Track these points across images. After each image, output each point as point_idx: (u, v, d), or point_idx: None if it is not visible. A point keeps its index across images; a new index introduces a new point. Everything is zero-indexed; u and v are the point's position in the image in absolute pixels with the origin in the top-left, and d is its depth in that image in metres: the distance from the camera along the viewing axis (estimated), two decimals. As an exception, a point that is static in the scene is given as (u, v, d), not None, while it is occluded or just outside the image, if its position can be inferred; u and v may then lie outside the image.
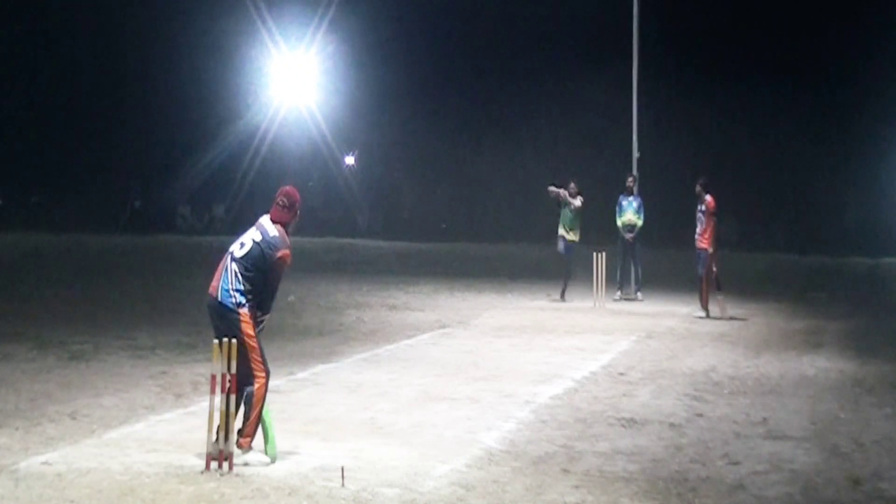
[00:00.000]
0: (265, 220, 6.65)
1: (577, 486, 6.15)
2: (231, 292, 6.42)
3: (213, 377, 6.17)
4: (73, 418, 7.55)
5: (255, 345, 6.40)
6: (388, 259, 26.69)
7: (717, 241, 15.36)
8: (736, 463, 6.79)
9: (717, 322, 14.53)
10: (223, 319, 6.42)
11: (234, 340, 6.24)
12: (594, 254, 16.45)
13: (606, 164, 28.17)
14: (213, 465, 6.10)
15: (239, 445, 6.31)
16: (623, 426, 7.77)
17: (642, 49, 20.57)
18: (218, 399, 6.12)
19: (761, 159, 35.74)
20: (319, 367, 10.07)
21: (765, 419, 8.13)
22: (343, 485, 5.93)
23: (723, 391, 9.31)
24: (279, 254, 6.47)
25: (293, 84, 36.76)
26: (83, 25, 37.80)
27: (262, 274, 6.46)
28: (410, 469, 6.35)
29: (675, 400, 8.84)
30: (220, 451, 6.11)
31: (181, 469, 6.15)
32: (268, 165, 38.02)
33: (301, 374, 9.62)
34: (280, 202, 6.66)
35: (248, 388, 6.38)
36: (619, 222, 17.82)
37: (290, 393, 8.72)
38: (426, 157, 40.13)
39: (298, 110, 37.54)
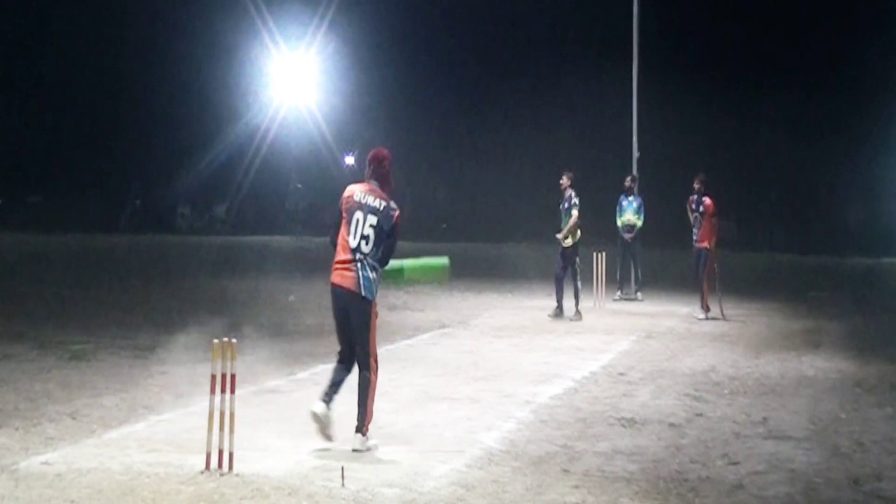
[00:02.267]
0: (366, 195, 6.85)
1: (577, 486, 6.15)
2: (372, 286, 6.80)
3: (213, 377, 6.17)
4: (73, 418, 7.55)
5: (375, 336, 6.86)
6: (388, 259, 26.64)
7: (718, 240, 15.36)
8: (736, 463, 6.79)
9: (717, 322, 14.53)
10: (355, 310, 6.79)
11: (233, 340, 6.26)
12: (594, 254, 16.45)
13: (606, 164, 28.16)
14: (213, 464, 6.10)
15: (362, 431, 6.69)
16: (623, 426, 7.77)
17: (642, 49, 20.55)
18: (218, 399, 6.12)
19: (762, 159, 35.73)
20: (319, 367, 10.06)
21: (765, 419, 8.13)
22: (343, 485, 5.93)
23: (723, 391, 9.31)
24: (396, 216, 6.86)
25: (293, 84, 36.73)
26: (83, 25, 37.79)
27: (385, 240, 6.81)
28: (410, 469, 6.35)
29: (675, 400, 8.84)
30: (221, 451, 6.11)
31: (181, 469, 6.15)
32: (268, 165, 38.01)
33: (301, 374, 9.62)
34: (385, 167, 6.96)
35: (364, 375, 6.80)
36: (618, 222, 17.84)
37: (290, 393, 8.72)
38: (426, 157, 40.12)
39: (298, 110, 37.52)
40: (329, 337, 12.21)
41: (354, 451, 6.68)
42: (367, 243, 6.77)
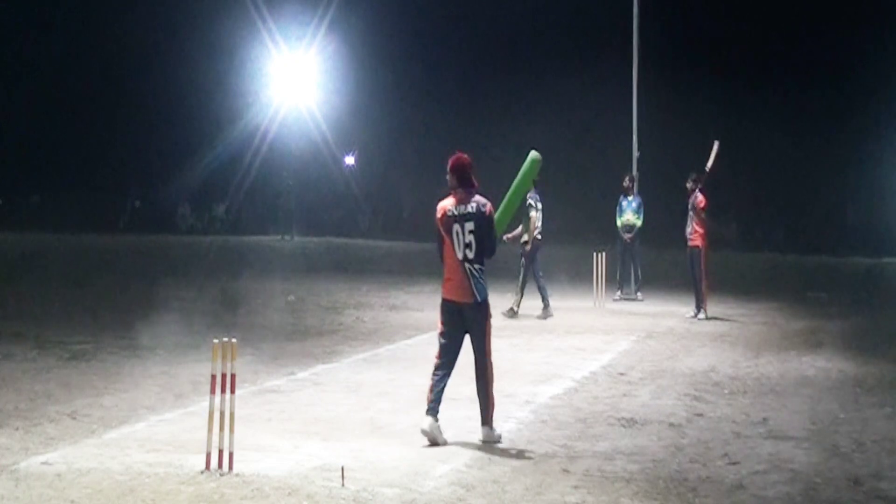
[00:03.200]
0: (456, 206, 7.16)
1: (577, 486, 6.15)
2: (483, 287, 7.19)
3: (213, 377, 6.17)
4: (73, 418, 7.55)
5: (490, 338, 7.28)
6: (388, 259, 26.68)
7: (709, 238, 15.35)
8: (736, 463, 6.79)
9: (717, 322, 14.52)
10: (472, 317, 7.18)
11: (233, 340, 6.25)
12: (594, 254, 16.45)
13: (606, 164, 28.16)
14: (213, 464, 6.10)
15: (489, 424, 7.13)
16: (623, 426, 7.78)
17: (642, 48, 20.56)
18: (218, 399, 6.12)
19: (761, 159, 35.74)
20: (319, 367, 10.07)
21: (765, 419, 8.14)
22: (343, 485, 5.93)
23: (723, 391, 9.31)
24: (488, 209, 7.22)
25: (293, 84, 36.72)
26: (83, 25, 37.81)
27: (486, 236, 7.17)
28: (410, 469, 6.35)
29: (675, 400, 8.84)
30: (221, 451, 6.11)
31: (181, 469, 6.15)
32: (268, 165, 38.01)
33: (301, 374, 9.63)
34: (468, 172, 7.26)
35: (482, 369, 7.19)
36: (618, 223, 17.85)
37: (290, 393, 8.72)
38: (426, 157, 40.13)
39: (298, 110, 37.51)
40: (329, 336, 12.27)
41: (484, 442, 7.03)
42: (471, 250, 7.14)
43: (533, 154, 8.01)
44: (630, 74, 20.60)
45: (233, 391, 6.17)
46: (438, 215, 7.24)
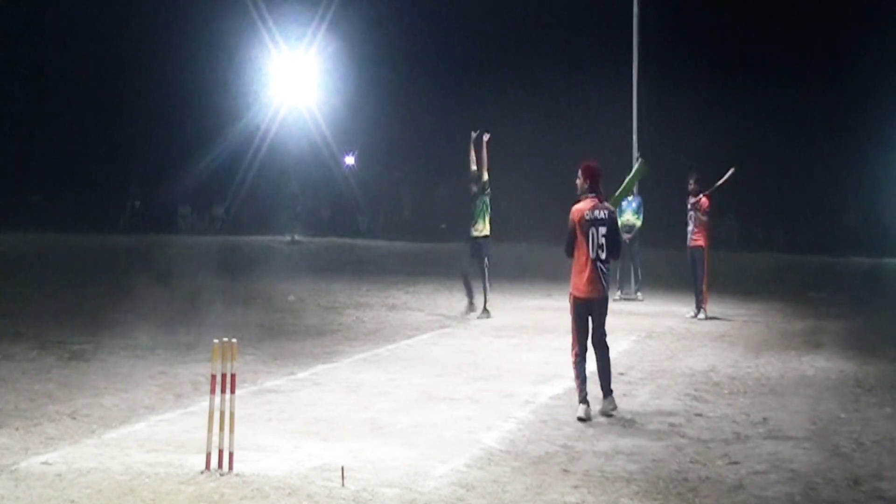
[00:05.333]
0: (593, 211, 8.14)
1: (577, 486, 6.15)
2: (609, 282, 8.14)
3: (213, 377, 6.17)
4: (73, 418, 7.56)
5: None
6: (388, 259, 26.68)
7: (711, 238, 15.35)
8: (736, 463, 6.80)
9: (717, 322, 14.53)
10: (602, 307, 8.12)
11: (233, 340, 6.26)
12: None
13: (606, 164, 28.11)
14: (213, 464, 6.10)
15: (612, 394, 8.13)
16: (623, 426, 7.79)
17: (643, 48, 20.54)
18: (218, 399, 6.12)
19: (762, 159, 35.70)
20: (319, 367, 10.08)
21: (765, 419, 8.14)
22: (343, 485, 5.93)
23: (723, 391, 9.31)
24: (615, 215, 8.37)
25: (293, 84, 36.70)
26: (83, 25, 37.81)
27: (614, 238, 8.19)
28: (410, 469, 6.35)
29: (675, 400, 8.85)
30: (221, 451, 6.11)
31: (181, 469, 6.16)
32: (268, 165, 37.99)
33: (301, 374, 9.63)
34: (598, 178, 8.40)
35: (605, 350, 8.16)
36: (618, 222, 17.81)
37: (290, 393, 8.73)
38: (426, 157, 40.12)
39: (298, 110, 37.48)
40: (329, 336, 12.28)
41: (604, 413, 7.95)
42: (602, 251, 8.07)
43: (642, 162, 8.57)
44: (630, 74, 20.58)
45: (233, 391, 6.17)
46: (576, 217, 8.12)
